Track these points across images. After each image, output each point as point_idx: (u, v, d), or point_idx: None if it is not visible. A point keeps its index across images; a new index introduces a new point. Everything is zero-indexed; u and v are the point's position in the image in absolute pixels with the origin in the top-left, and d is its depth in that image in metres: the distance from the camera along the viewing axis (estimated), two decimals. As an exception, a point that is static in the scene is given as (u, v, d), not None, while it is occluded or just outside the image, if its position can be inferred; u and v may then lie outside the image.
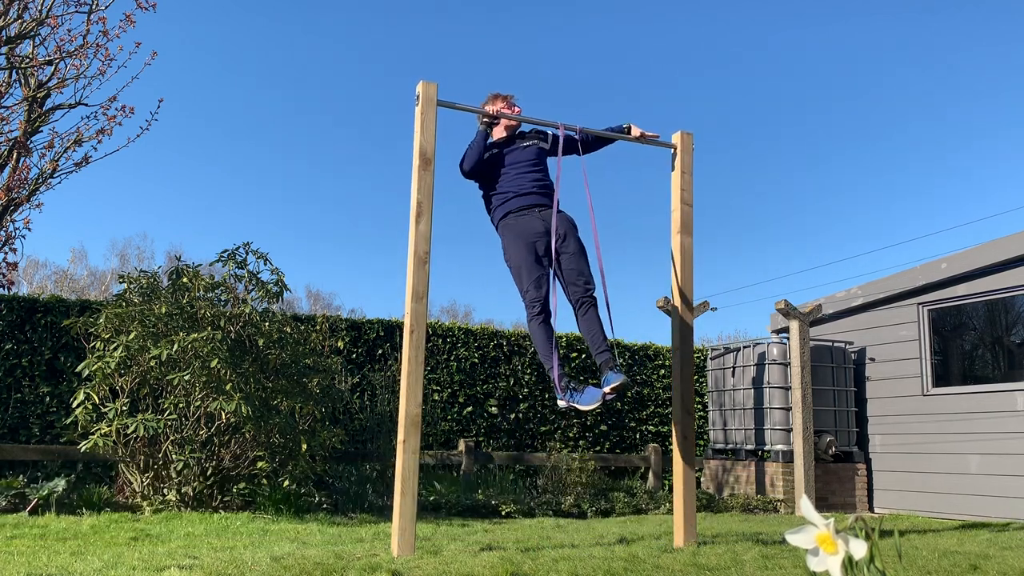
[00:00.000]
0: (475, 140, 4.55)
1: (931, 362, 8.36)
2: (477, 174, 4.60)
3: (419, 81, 4.29)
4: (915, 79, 39.66)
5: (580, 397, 4.13)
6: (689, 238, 4.79)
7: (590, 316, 4.30)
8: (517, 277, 4.38)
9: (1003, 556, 3.94)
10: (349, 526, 5.71)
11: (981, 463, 7.69)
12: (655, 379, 10.52)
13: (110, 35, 6.55)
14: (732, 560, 3.71)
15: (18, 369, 7.56)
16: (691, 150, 4.88)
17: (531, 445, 9.55)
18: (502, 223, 4.48)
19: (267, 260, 6.94)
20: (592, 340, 4.28)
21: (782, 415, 8.64)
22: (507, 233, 4.44)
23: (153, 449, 6.45)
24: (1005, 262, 7.66)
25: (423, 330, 4.15)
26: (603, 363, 4.17)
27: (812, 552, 1.28)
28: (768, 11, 39.79)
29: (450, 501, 7.27)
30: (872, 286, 8.93)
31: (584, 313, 4.31)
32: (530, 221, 4.41)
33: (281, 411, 6.58)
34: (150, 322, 6.46)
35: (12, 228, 6.50)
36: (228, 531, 5.21)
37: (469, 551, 3.99)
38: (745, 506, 8.21)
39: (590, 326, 4.29)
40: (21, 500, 6.02)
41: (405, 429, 4.01)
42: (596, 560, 3.61)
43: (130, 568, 3.52)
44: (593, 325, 4.29)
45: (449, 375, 9.29)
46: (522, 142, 4.65)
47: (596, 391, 4.08)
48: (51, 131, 6.69)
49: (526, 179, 4.50)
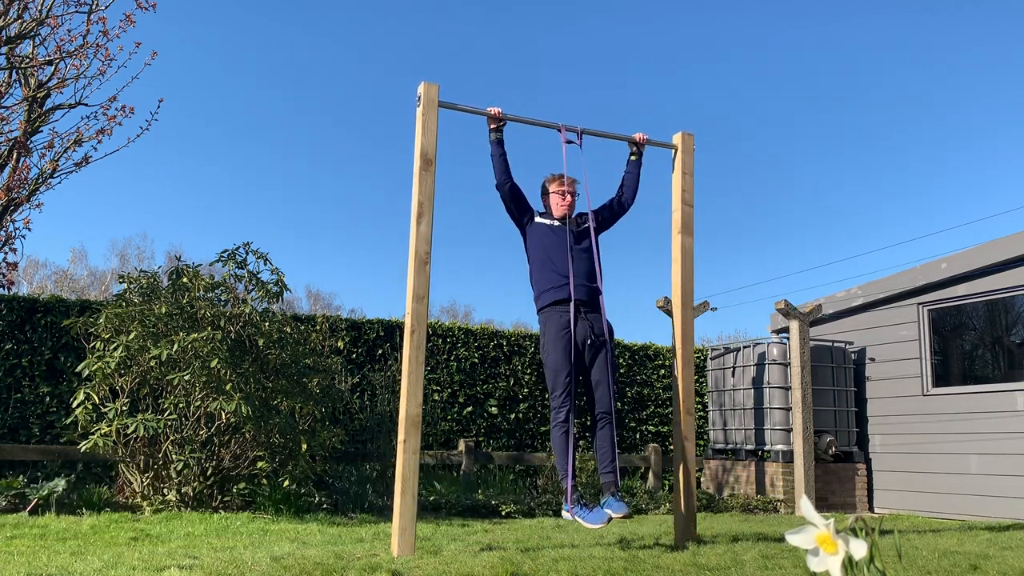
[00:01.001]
0: (492, 152, 4.47)
1: (931, 362, 8.36)
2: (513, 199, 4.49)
3: (421, 82, 4.29)
4: (915, 79, 39.68)
5: (588, 515, 4.16)
6: (690, 238, 4.79)
7: (604, 433, 4.35)
8: (551, 377, 4.36)
9: (1003, 556, 3.94)
10: (349, 526, 5.71)
11: (981, 463, 7.69)
12: (655, 379, 10.52)
13: (110, 35, 6.55)
14: (732, 560, 3.71)
15: (18, 369, 7.55)
16: (692, 151, 4.88)
17: (531, 445, 9.55)
18: (545, 312, 4.42)
19: (267, 260, 6.94)
20: (602, 458, 4.33)
21: (782, 415, 8.64)
22: (548, 327, 4.38)
23: (153, 449, 6.45)
24: (1005, 262, 7.66)
25: (423, 330, 4.15)
26: (606, 483, 4.24)
27: (812, 552, 1.28)
28: (768, 11, 39.81)
29: (450, 501, 7.27)
30: (872, 286, 8.93)
31: (600, 429, 4.36)
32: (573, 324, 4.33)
33: (281, 411, 6.58)
34: (150, 322, 6.46)
35: (12, 228, 6.50)
36: (228, 531, 5.21)
37: (469, 551, 3.99)
38: (745, 506, 8.21)
39: (602, 444, 4.35)
40: (21, 500, 6.02)
41: (405, 429, 4.01)
42: (596, 560, 3.61)
43: (130, 568, 3.52)
44: (605, 444, 4.34)
45: (449, 375, 9.29)
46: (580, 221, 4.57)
47: (604, 514, 4.11)
48: (51, 131, 6.69)
49: (576, 273, 4.39)
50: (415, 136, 4.26)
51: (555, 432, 4.33)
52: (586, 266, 4.44)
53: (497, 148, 4.46)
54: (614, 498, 4.14)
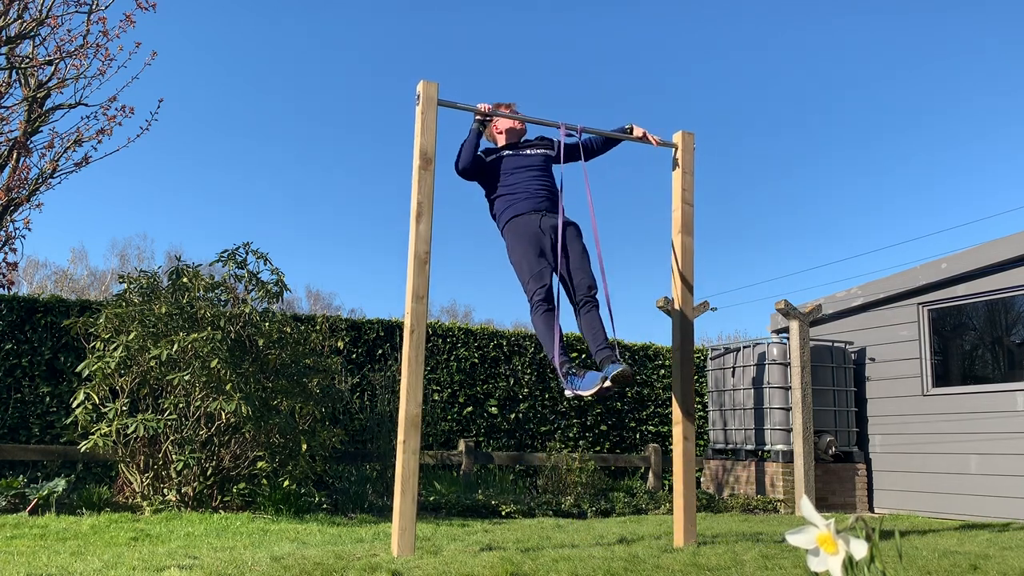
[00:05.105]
0: (467, 138, 4.55)
1: (931, 362, 8.36)
2: (474, 173, 4.59)
3: (420, 81, 4.29)
4: (915, 79, 39.67)
5: (580, 382, 4.08)
6: (690, 238, 4.79)
7: (592, 316, 4.29)
8: (519, 271, 4.36)
9: (1003, 556, 3.94)
10: (349, 526, 5.71)
11: (981, 463, 7.69)
12: (655, 379, 10.52)
13: (110, 35, 6.55)
14: (732, 560, 3.70)
15: (18, 369, 7.55)
16: (692, 150, 4.88)
17: (531, 445, 9.55)
18: (508, 224, 4.47)
19: (267, 260, 6.94)
20: (593, 338, 4.24)
21: (782, 415, 8.64)
22: (512, 233, 4.44)
23: (153, 449, 6.45)
24: (1005, 262, 7.66)
25: (423, 330, 4.14)
26: (603, 359, 4.11)
27: (812, 552, 1.28)
28: (769, 10, 39.80)
29: (450, 501, 7.27)
30: (872, 286, 8.93)
31: (586, 312, 4.29)
32: (536, 221, 4.41)
33: (281, 411, 6.58)
34: (150, 322, 6.45)
35: (12, 228, 6.50)
36: (228, 531, 5.21)
37: (469, 551, 3.99)
38: (745, 506, 8.21)
39: (591, 325, 4.27)
40: (21, 500, 6.01)
41: (405, 429, 4.01)
42: (596, 560, 3.61)
43: (130, 568, 3.52)
44: (595, 324, 4.26)
45: (449, 375, 9.29)
46: (528, 149, 4.66)
47: (595, 374, 4.00)
48: (51, 131, 6.70)
49: (534, 184, 4.50)
50: (414, 135, 4.26)
51: (534, 317, 4.26)
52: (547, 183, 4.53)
53: (474, 139, 4.54)
54: (614, 364, 3.98)
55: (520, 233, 4.39)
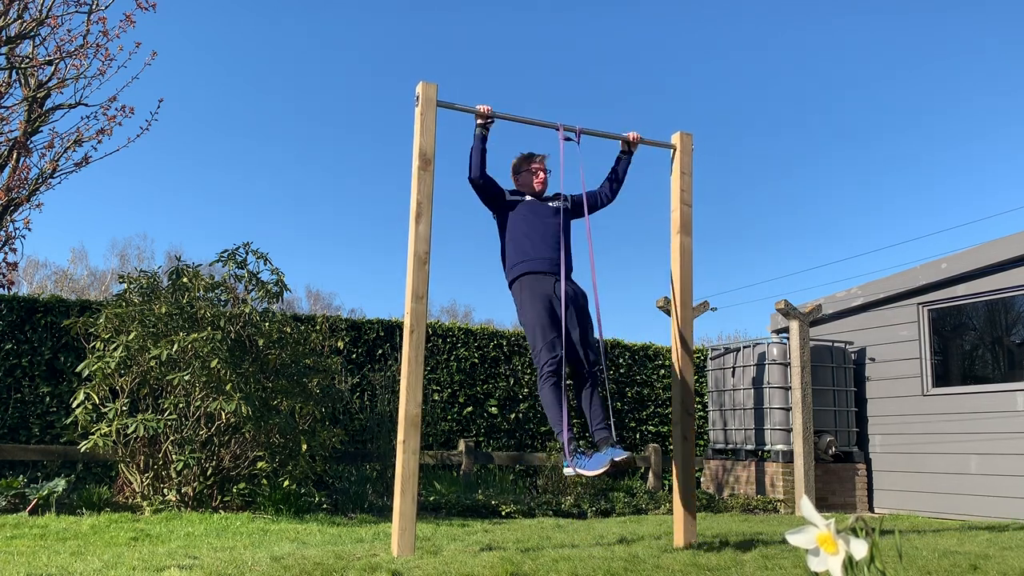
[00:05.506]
0: (473, 144, 4.49)
1: (931, 362, 8.36)
2: (488, 193, 4.54)
3: (419, 82, 4.29)
4: (915, 79, 39.67)
5: (587, 462, 4.06)
6: (689, 238, 4.79)
7: (595, 395, 4.28)
8: (531, 335, 4.31)
9: (1003, 556, 3.94)
10: (349, 526, 5.71)
11: (981, 463, 7.69)
12: (655, 379, 10.51)
13: (110, 35, 6.55)
14: (732, 560, 3.71)
15: (18, 369, 7.55)
16: (690, 151, 4.88)
17: (531, 445, 9.54)
18: (522, 280, 4.42)
19: (267, 260, 6.94)
20: (592, 416, 4.24)
21: (782, 415, 8.64)
22: (527, 291, 4.37)
23: (153, 449, 6.45)
24: (1005, 262, 7.66)
25: (423, 330, 4.14)
26: (601, 440, 4.11)
27: (813, 552, 1.28)
28: (769, 10, 39.81)
29: (450, 501, 7.27)
30: (872, 286, 8.93)
31: (589, 390, 4.28)
32: (551, 285, 4.36)
33: (281, 411, 6.58)
34: (150, 322, 6.45)
35: (12, 228, 6.50)
36: (228, 531, 5.21)
37: (469, 551, 3.99)
38: (745, 506, 8.21)
39: (593, 403, 4.26)
40: (21, 500, 6.01)
41: (405, 429, 4.01)
42: (596, 560, 3.61)
43: (130, 568, 3.52)
44: (596, 403, 4.26)
45: (449, 375, 9.29)
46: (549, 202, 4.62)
47: (602, 456, 4.01)
48: (51, 131, 6.70)
49: (550, 241, 4.44)
50: (414, 136, 4.26)
51: (544, 387, 4.22)
52: (561, 240, 4.51)
53: (480, 144, 4.47)
54: (613, 448, 4.02)
55: (536, 295, 4.33)
